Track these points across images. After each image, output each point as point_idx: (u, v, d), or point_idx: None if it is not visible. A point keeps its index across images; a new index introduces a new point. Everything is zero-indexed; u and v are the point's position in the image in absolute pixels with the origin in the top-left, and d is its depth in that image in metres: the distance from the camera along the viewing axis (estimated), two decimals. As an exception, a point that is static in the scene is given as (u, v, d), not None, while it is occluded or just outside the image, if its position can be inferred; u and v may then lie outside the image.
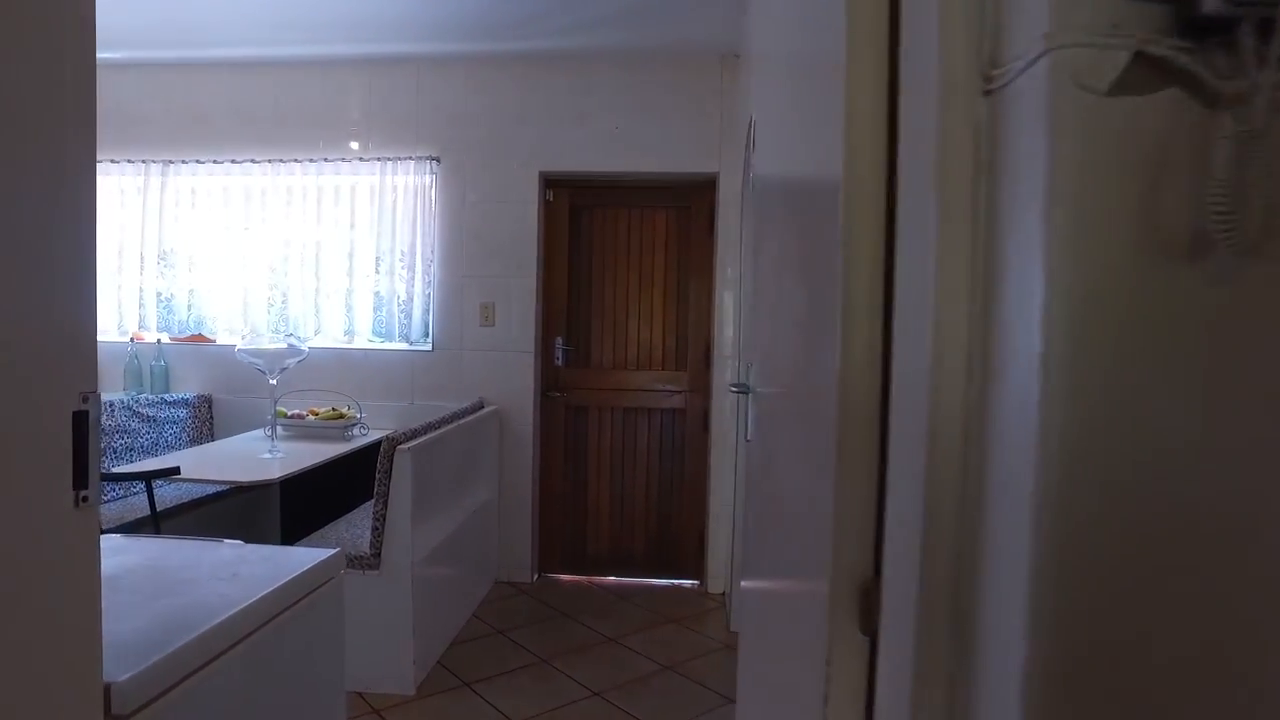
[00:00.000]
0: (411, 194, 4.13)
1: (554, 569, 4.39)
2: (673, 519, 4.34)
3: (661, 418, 4.31)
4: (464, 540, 3.62)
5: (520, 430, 4.20)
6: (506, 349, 4.19)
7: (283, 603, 1.41)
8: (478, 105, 4.17)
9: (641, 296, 4.28)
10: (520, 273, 4.17)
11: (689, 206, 4.24)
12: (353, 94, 4.24)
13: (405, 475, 2.90)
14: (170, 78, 4.37)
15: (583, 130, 4.12)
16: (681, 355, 4.28)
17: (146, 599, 1.34)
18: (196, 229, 4.30)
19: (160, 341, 4.37)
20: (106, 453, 3.68)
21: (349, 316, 4.18)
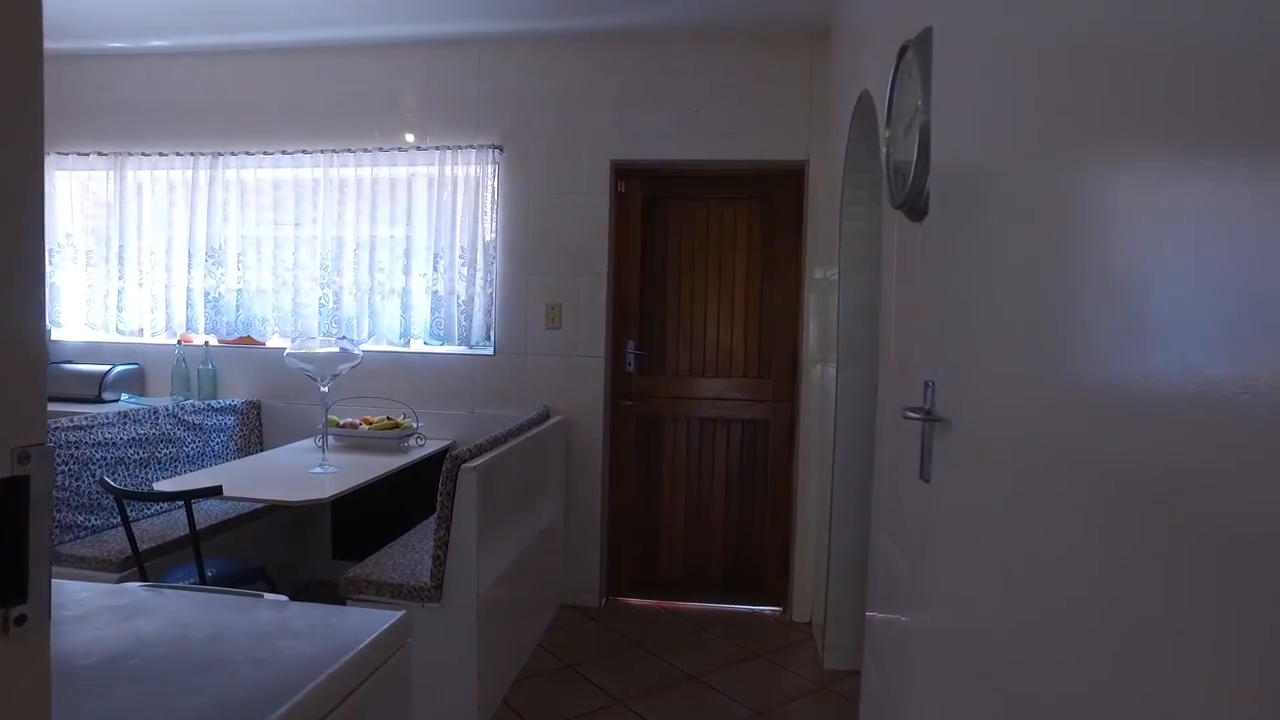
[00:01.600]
0: (472, 185, 3.82)
1: (623, 592, 4.03)
2: (753, 540, 3.95)
3: (742, 429, 3.93)
4: (530, 564, 3.29)
5: (588, 442, 3.86)
6: (574, 354, 3.85)
7: (334, 697, 1.07)
8: (543, 88, 3.84)
9: (721, 297, 3.91)
10: (589, 271, 3.82)
11: (774, 198, 3.85)
12: (410, 79, 3.94)
13: (471, 497, 2.57)
14: (220, 66, 4.13)
15: (657, 115, 3.76)
16: (765, 362, 3.89)
17: (158, 695, 1.01)
18: (246, 225, 4.05)
19: (208, 344, 4.13)
20: (151, 464, 3.43)
21: (405, 318, 3.88)
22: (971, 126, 1.27)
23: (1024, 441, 0.98)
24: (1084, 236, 0.92)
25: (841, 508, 3.21)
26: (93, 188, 4.28)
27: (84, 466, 3.12)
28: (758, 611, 3.94)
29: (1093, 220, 0.89)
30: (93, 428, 3.17)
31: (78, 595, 1.36)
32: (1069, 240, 0.94)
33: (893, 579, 1.98)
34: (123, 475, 3.29)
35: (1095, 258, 0.89)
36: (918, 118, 1.65)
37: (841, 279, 3.17)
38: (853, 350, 3.17)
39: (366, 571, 2.71)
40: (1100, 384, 0.85)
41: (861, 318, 3.14)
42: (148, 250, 4.14)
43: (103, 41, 4.10)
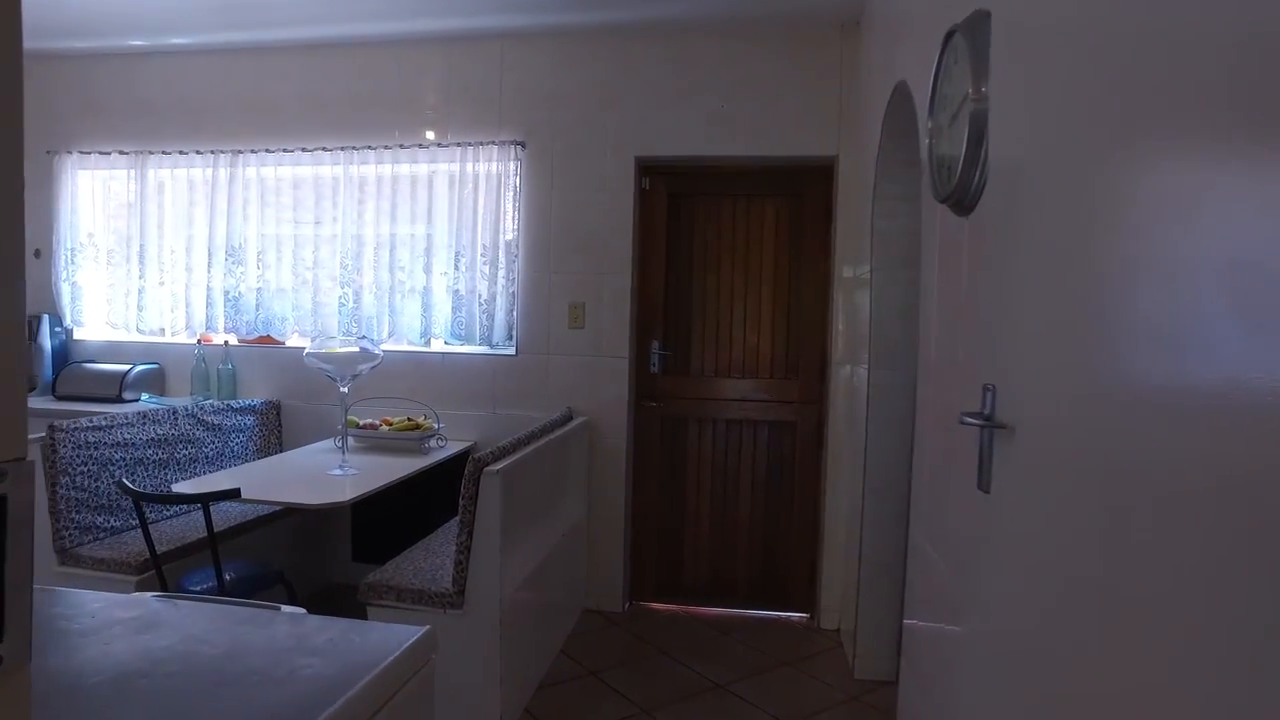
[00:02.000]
0: (494, 183, 3.75)
1: (647, 597, 3.96)
2: (780, 545, 3.86)
3: (769, 431, 3.84)
4: (553, 568, 3.22)
5: (612, 443, 3.78)
6: (597, 354, 3.77)
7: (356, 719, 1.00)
8: (566, 84, 3.77)
9: (748, 296, 3.82)
10: (613, 269, 3.75)
11: (802, 195, 3.76)
12: (430, 74, 3.89)
13: (494, 501, 2.50)
14: (239, 63, 4.09)
15: (683, 111, 3.68)
16: (792, 362, 3.80)
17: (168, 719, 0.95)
18: (266, 223, 4.01)
19: (228, 343, 4.09)
20: (170, 464, 3.39)
21: (426, 317, 3.83)
22: (1037, 114, 1.18)
23: (1102, 451, 0.89)
24: (1168, 233, 0.83)
25: (873, 512, 3.11)
26: (114, 187, 4.26)
27: (103, 467, 3.09)
28: (784, 618, 3.85)
29: (1177, 215, 0.81)
30: (112, 428, 3.13)
31: (89, 606, 1.30)
32: (1153, 236, 0.85)
33: (934, 588, 1.89)
34: (142, 476, 3.25)
35: (1181, 254, 0.80)
36: (966, 106, 1.56)
37: (874, 277, 3.08)
38: (885, 350, 3.07)
39: (387, 577, 2.64)
40: (1191, 388, 0.76)
41: (894, 317, 3.05)
42: (168, 249, 4.11)
43: (123, 40, 4.08)
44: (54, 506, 2.91)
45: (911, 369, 3.07)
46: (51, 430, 2.91)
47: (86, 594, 1.36)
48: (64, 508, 2.94)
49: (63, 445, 2.93)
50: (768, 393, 3.81)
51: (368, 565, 3.96)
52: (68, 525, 2.94)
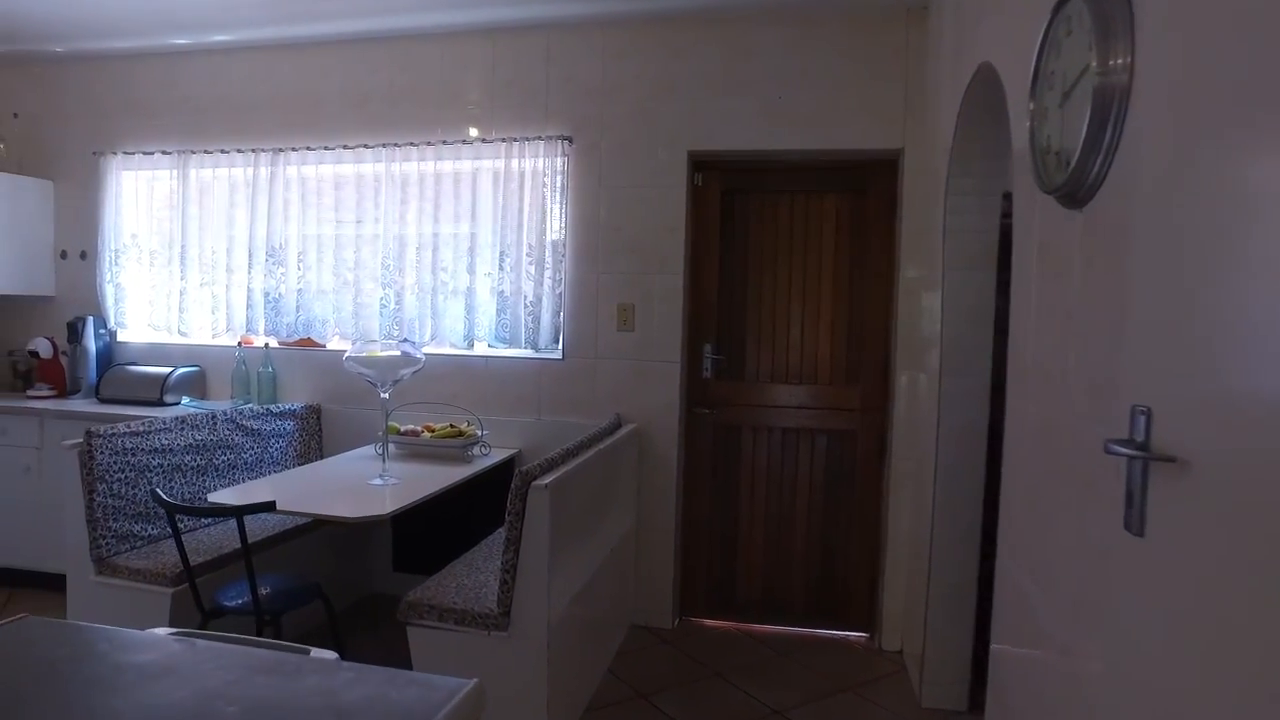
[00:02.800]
0: (540, 179, 3.61)
1: (697, 613, 3.78)
2: (839, 560, 3.66)
3: (827, 440, 3.63)
4: (601, 583, 3.06)
5: (662, 452, 3.61)
6: (647, 358, 3.60)
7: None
8: (616, 76, 3.60)
9: (805, 298, 3.62)
10: (664, 269, 3.58)
11: (864, 190, 3.55)
12: (474, 68, 3.75)
13: (542, 516, 2.34)
14: (280, 60, 4.01)
15: (738, 102, 3.50)
16: (853, 368, 3.59)
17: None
18: (306, 223, 3.91)
19: (268, 346, 4.01)
20: (209, 471, 3.30)
21: (469, 319, 3.69)
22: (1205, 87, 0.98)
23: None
24: None
25: (944, 529, 2.90)
26: (157, 187, 4.21)
27: (140, 474, 3.00)
28: (842, 637, 3.64)
29: None
30: (149, 434, 3.05)
31: (100, 647, 1.17)
32: None
33: (1031, 619, 1.69)
34: (179, 483, 3.16)
35: None
36: (1087, 81, 1.36)
37: (945, 277, 2.86)
38: (958, 356, 2.86)
39: (429, 595, 2.50)
40: None
41: (969, 321, 2.83)
42: (209, 250, 4.04)
43: (167, 39, 4.01)
44: (91, 515, 2.83)
45: (985, 376, 2.86)
46: (89, 436, 2.83)
47: (105, 629, 1.22)
48: (101, 516, 2.85)
49: (100, 451, 2.85)
50: (826, 400, 3.61)
51: (408, 575, 3.86)
52: (104, 534, 2.86)
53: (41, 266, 4.43)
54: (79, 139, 4.37)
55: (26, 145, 4.47)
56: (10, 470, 3.93)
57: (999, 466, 2.87)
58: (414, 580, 3.81)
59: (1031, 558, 1.69)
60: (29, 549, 3.89)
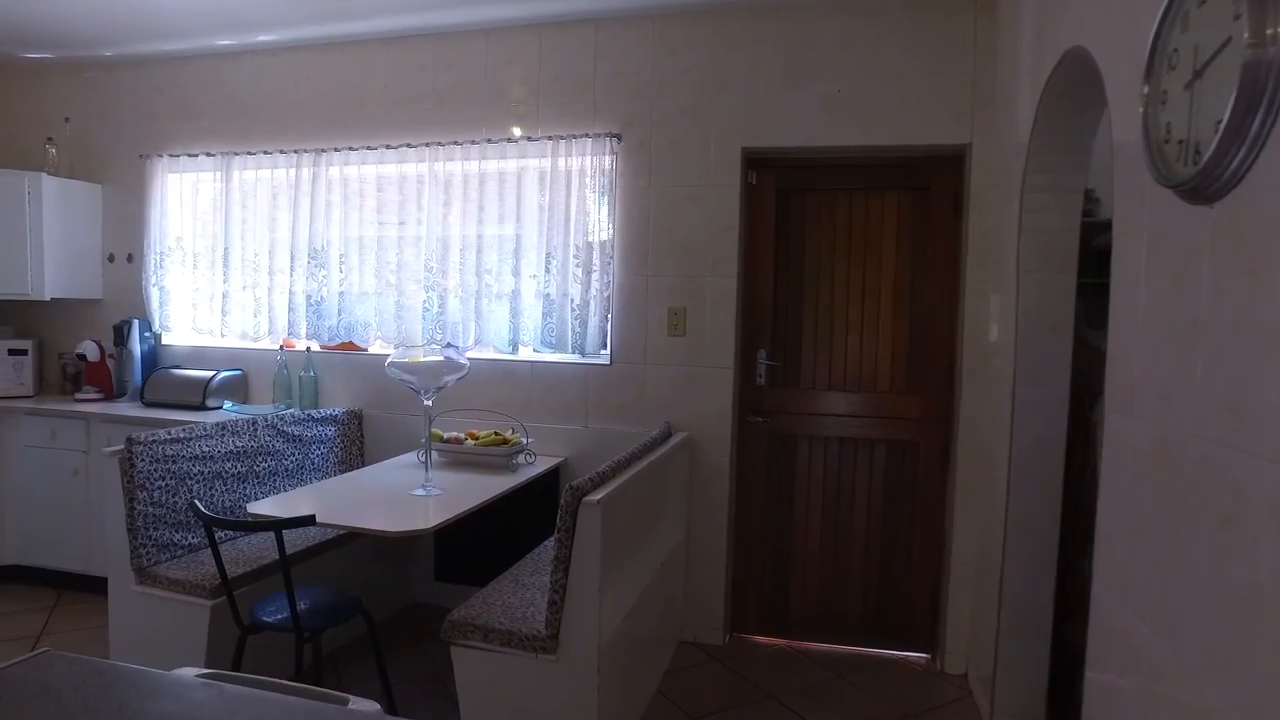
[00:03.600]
0: (587, 179, 3.48)
1: (749, 629, 3.62)
2: (898, 576, 3.48)
3: (887, 451, 3.45)
4: (651, 600, 2.92)
5: (714, 461, 3.46)
6: (699, 364, 3.46)
7: None
8: (667, 70, 3.47)
9: (865, 301, 3.44)
10: (716, 271, 3.43)
11: (927, 187, 3.36)
12: (518, 64, 3.64)
13: (593, 534, 2.21)
14: (324, 59, 3.95)
15: (795, 96, 3.34)
16: (915, 375, 3.41)
17: None
18: (349, 225, 3.83)
19: (309, 350, 3.94)
20: (249, 478, 3.24)
21: (514, 323, 3.58)
22: None
23: None
24: None
25: (1018, 550, 2.71)
26: (202, 189, 4.17)
27: (180, 482, 2.94)
28: (902, 658, 3.46)
29: None
30: (190, 440, 2.98)
31: (123, 693, 1.06)
32: None
33: (1137, 659, 1.52)
34: (220, 491, 3.10)
35: None
36: (1231, 57, 1.19)
37: (1021, 280, 2.67)
38: (1034, 364, 2.67)
39: (473, 614, 2.39)
40: None
41: (1046, 326, 2.64)
42: (251, 252, 3.99)
43: (212, 40, 3.98)
44: (131, 523, 2.77)
45: (1063, 387, 2.67)
46: (129, 443, 2.77)
47: (121, 671, 1.12)
48: (141, 524, 2.79)
49: (140, 459, 2.78)
50: (886, 408, 3.43)
51: (451, 585, 3.77)
52: (145, 543, 2.80)
53: (90, 270, 4.43)
54: (127, 142, 4.37)
55: (77, 149, 4.48)
56: (59, 473, 3.92)
57: (1076, 484, 2.70)
58: (456, 591, 3.73)
59: (1142, 596, 1.52)
60: (77, 552, 3.88)
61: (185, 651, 2.68)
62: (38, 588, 4.05)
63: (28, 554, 4.04)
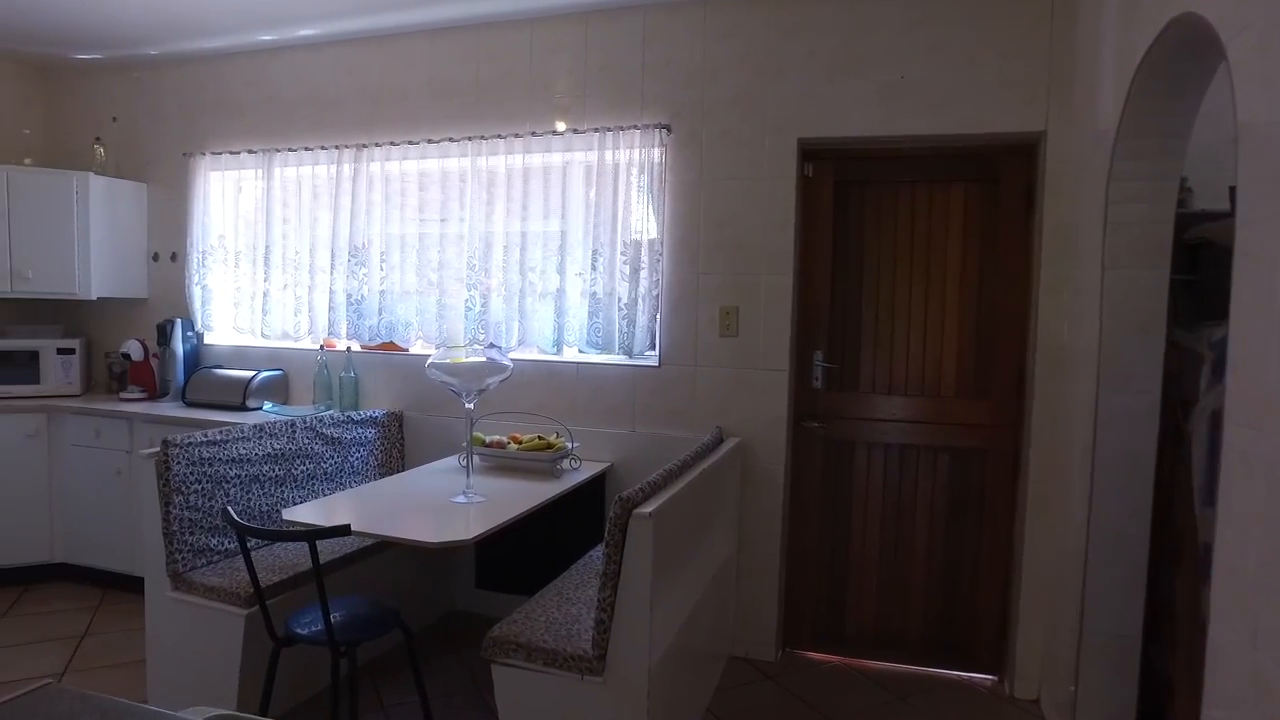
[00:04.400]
0: (635, 172, 3.34)
1: (803, 645, 3.44)
2: (963, 593, 3.27)
3: (951, 459, 3.25)
4: (702, 615, 2.76)
5: (767, 469, 3.30)
6: (752, 366, 3.29)
7: None
8: (719, 57, 3.31)
9: (928, 300, 3.25)
10: (770, 269, 3.26)
11: (996, 178, 3.15)
12: (564, 54, 3.51)
13: (644, 548, 2.07)
14: (365, 52, 3.87)
15: (855, 84, 3.15)
16: (982, 379, 3.20)
17: None
18: (390, 222, 3.74)
19: (350, 350, 3.86)
20: (287, 481, 3.15)
21: (559, 323, 3.45)
22: None
23: None
24: None
25: (1102, 571, 2.50)
26: (244, 187, 4.12)
27: (217, 485, 2.86)
28: (967, 679, 3.26)
29: None
30: (226, 442, 2.91)
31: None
32: None
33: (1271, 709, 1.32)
34: (257, 494, 3.02)
35: None
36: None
37: (1105, 277, 2.46)
38: (1120, 369, 2.46)
39: (516, 630, 2.26)
40: None
41: (1135, 327, 2.43)
42: (292, 250, 3.93)
43: (253, 35, 3.92)
44: (167, 527, 2.70)
45: (1155, 394, 2.45)
46: (165, 446, 2.70)
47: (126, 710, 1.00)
48: (177, 529, 2.72)
49: (176, 462, 2.71)
50: (951, 414, 3.23)
51: (492, 593, 3.66)
52: (180, 548, 2.72)
53: (135, 269, 4.42)
54: (171, 141, 4.34)
55: (124, 149, 4.47)
56: (103, 473, 3.90)
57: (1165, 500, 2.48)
58: (497, 599, 3.62)
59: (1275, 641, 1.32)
60: (121, 552, 3.86)
61: (220, 661, 2.60)
62: (84, 586, 4.05)
63: (74, 553, 4.04)
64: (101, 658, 3.28)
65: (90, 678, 3.10)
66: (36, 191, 4.06)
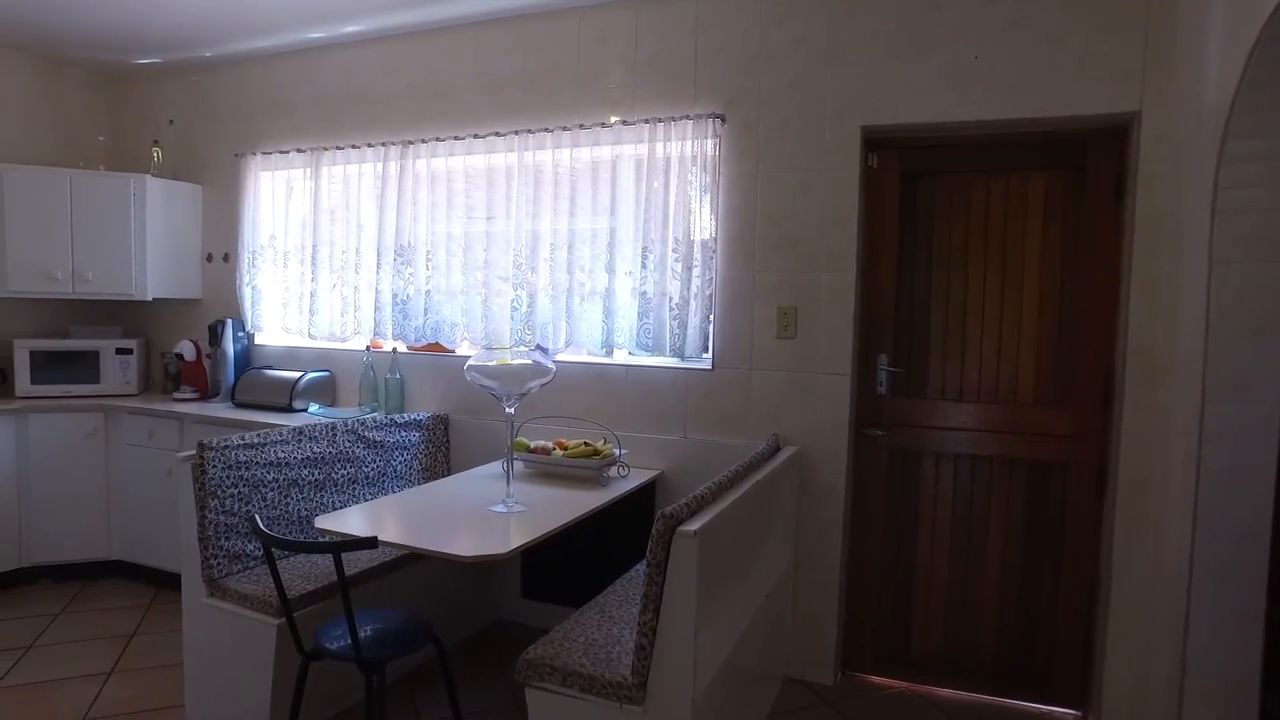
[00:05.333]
0: (688, 165, 3.17)
1: (864, 668, 3.22)
2: (1042, 618, 3.01)
3: (1029, 472, 2.99)
4: (754, 636, 2.57)
5: (827, 479, 3.08)
6: (811, 369, 3.09)
7: None
8: (775, 42, 3.11)
9: (1004, 299, 3.00)
10: (831, 266, 3.05)
11: (1082, 166, 2.89)
12: (614, 43, 3.37)
13: (689, 569, 1.89)
14: (411, 47, 3.80)
15: (922, 67, 2.92)
16: (1064, 385, 2.94)
17: None
18: (435, 220, 3.65)
19: (395, 351, 3.79)
20: (327, 486, 3.07)
21: (607, 324, 3.30)
22: None
23: None
24: None
25: (1206, 600, 2.22)
26: (293, 187, 4.09)
27: (254, 489, 2.79)
28: (1046, 712, 2.99)
29: None
30: (264, 446, 2.83)
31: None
32: None
33: None
34: (295, 499, 2.94)
35: None
36: None
37: (1214, 272, 2.19)
38: (1231, 376, 2.18)
39: (551, 652, 2.11)
40: None
41: (1249, 330, 2.15)
42: (339, 250, 3.87)
43: (303, 33, 3.88)
44: (202, 532, 2.63)
45: (1274, 405, 2.17)
46: (200, 449, 2.63)
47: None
48: (212, 534, 2.65)
49: (212, 465, 2.64)
50: (1028, 423, 2.97)
51: (539, 604, 3.53)
52: (215, 553, 2.66)
53: (190, 270, 4.44)
54: (225, 142, 4.35)
55: (180, 151, 4.50)
56: (156, 473, 3.91)
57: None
58: (544, 610, 3.49)
59: None
60: (172, 552, 3.84)
61: (252, 671, 2.52)
62: (139, 584, 4.08)
63: (130, 551, 4.07)
64: (147, 658, 3.26)
65: (133, 679, 3.08)
66: (97, 194, 4.10)
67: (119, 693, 2.98)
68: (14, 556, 3.95)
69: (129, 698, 2.94)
